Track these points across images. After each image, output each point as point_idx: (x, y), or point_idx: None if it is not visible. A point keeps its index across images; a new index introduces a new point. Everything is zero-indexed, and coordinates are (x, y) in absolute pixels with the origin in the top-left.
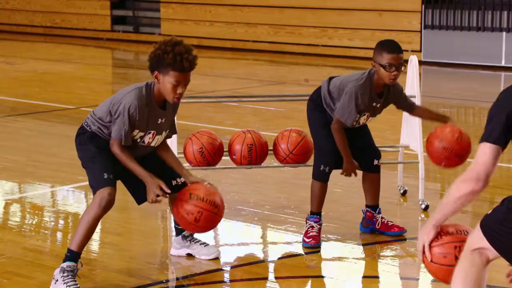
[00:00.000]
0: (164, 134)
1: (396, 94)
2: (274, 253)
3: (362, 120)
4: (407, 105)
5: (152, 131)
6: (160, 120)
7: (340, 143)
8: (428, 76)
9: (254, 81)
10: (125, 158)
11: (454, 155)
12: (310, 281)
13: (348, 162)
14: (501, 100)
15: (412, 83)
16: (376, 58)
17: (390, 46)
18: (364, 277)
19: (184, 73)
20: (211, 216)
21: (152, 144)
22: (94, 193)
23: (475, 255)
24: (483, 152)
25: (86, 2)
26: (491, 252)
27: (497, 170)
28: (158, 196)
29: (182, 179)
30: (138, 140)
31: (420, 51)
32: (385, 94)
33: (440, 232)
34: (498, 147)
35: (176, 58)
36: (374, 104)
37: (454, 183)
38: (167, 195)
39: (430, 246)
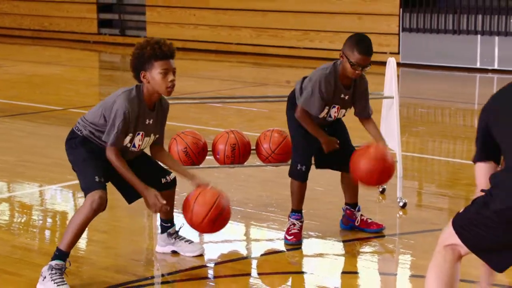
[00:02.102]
0: (152, 136)
1: (362, 89)
2: (257, 250)
3: (333, 112)
4: (363, 110)
5: (141, 132)
6: (148, 121)
7: (309, 127)
8: (406, 77)
9: (238, 83)
10: (121, 167)
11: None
12: (291, 277)
13: (324, 139)
14: (479, 118)
15: (390, 84)
16: (346, 51)
17: (363, 48)
18: (344, 272)
19: (167, 60)
20: (217, 218)
21: (143, 147)
22: (85, 195)
23: (448, 251)
24: (476, 172)
25: (74, 6)
26: (463, 248)
27: (471, 169)
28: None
29: (172, 176)
30: (129, 145)
31: (398, 53)
32: (352, 86)
33: None
34: (484, 165)
35: (155, 47)
36: (342, 95)
37: None
38: (163, 203)
39: None
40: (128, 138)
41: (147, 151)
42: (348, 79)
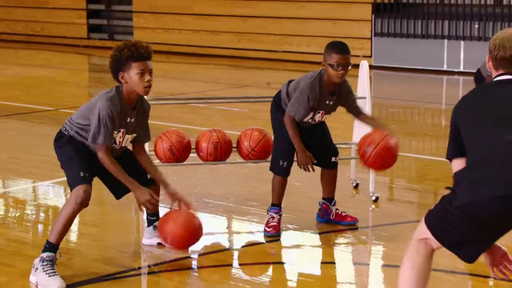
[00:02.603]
0: (133, 134)
1: (345, 93)
2: (238, 242)
3: (317, 117)
4: (353, 109)
5: (122, 130)
6: (129, 119)
7: (292, 136)
8: (378, 79)
9: (220, 84)
10: (111, 165)
11: (379, 157)
12: (271, 267)
13: (301, 152)
14: (451, 118)
15: (363, 86)
16: (326, 58)
17: (338, 48)
18: (320, 263)
19: (144, 61)
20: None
21: (123, 144)
22: (71, 190)
23: (421, 244)
24: (452, 168)
25: (64, 12)
26: (435, 242)
27: (439, 165)
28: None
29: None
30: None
31: (371, 56)
32: (336, 92)
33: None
34: (457, 160)
35: (132, 49)
36: (327, 102)
37: None
38: (157, 199)
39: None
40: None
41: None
42: (332, 86)
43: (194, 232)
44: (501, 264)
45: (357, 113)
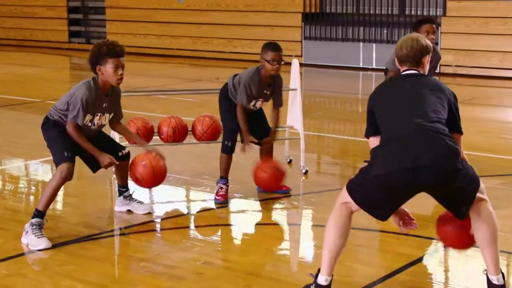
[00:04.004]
0: (108, 116)
1: (277, 85)
2: (194, 208)
3: (258, 104)
4: (276, 101)
5: (99, 113)
6: (104, 104)
7: (240, 121)
8: (307, 75)
9: (179, 79)
10: (79, 137)
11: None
12: (221, 229)
13: (246, 135)
14: (367, 104)
15: (294, 80)
16: (263, 55)
17: (272, 46)
18: (261, 224)
19: (118, 57)
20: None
21: (101, 123)
22: (56, 167)
23: (343, 207)
24: (369, 144)
25: (49, 20)
26: (354, 205)
27: (357, 144)
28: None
29: (126, 151)
30: (89, 124)
31: (301, 56)
32: (272, 84)
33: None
34: (374, 138)
35: (109, 47)
36: (265, 91)
37: None
38: (117, 163)
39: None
40: (88, 118)
41: (106, 130)
42: (269, 78)
43: (161, 173)
44: (403, 219)
45: (275, 105)
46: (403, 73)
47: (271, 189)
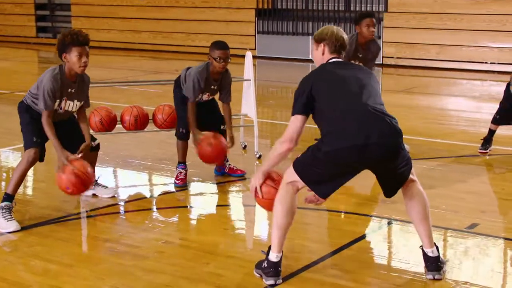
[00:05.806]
0: (75, 101)
1: (225, 83)
2: (155, 191)
3: (204, 97)
4: (224, 96)
5: (65, 97)
6: (70, 89)
7: (190, 118)
8: (260, 66)
9: (140, 71)
10: (48, 129)
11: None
12: (180, 210)
13: (193, 133)
14: (301, 85)
15: (248, 71)
16: (210, 53)
17: (219, 45)
18: (218, 205)
19: (82, 46)
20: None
21: (68, 109)
22: (24, 151)
23: (289, 186)
24: (294, 121)
25: (18, 16)
26: (300, 183)
27: (305, 129)
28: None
29: (96, 142)
30: (57, 108)
31: (255, 49)
32: (220, 79)
33: (267, 177)
34: (303, 117)
35: (73, 36)
36: (212, 86)
37: (275, 143)
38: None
39: (260, 187)
40: (56, 103)
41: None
42: (217, 74)
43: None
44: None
45: (223, 100)
46: (331, 61)
47: (215, 161)
